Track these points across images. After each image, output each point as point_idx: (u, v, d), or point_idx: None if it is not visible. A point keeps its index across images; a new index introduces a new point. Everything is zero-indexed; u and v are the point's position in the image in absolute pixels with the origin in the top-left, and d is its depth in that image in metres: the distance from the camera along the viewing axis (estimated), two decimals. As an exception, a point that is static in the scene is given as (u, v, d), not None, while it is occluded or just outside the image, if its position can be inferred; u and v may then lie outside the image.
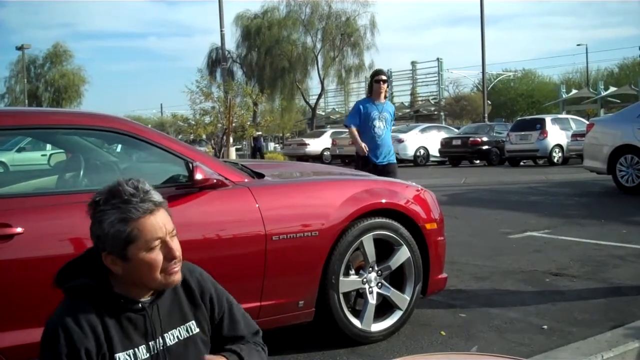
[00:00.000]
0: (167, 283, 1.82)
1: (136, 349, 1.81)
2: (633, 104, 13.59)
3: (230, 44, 39.59)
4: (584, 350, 3.44)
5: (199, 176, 3.13)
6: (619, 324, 3.86)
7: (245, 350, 1.95)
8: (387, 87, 6.98)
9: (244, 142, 38.13)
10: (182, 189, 3.21)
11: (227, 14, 48.81)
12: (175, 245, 1.82)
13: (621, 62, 60.80)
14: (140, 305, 1.83)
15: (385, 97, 7.01)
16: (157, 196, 1.80)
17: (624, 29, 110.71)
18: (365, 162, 6.77)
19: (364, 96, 7.25)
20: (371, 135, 6.78)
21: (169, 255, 1.79)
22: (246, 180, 3.49)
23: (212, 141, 27.12)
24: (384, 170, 6.66)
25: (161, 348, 1.85)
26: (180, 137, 30.02)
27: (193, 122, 27.15)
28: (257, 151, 31.57)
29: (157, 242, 1.77)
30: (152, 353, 1.84)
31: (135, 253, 1.76)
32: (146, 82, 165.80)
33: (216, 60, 39.28)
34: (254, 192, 3.39)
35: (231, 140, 26.67)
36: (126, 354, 1.79)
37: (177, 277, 1.84)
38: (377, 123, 6.77)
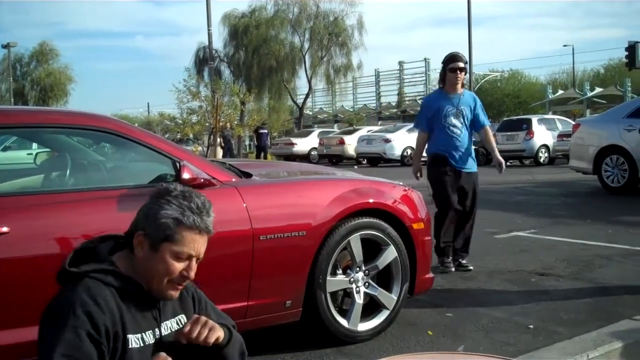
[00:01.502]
0: (164, 293, 1.93)
1: (144, 334, 1.90)
2: (619, 105, 13.71)
3: (218, 43, 39.46)
4: (569, 349, 3.46)
5: (186, 175, 3.12)
6: (605, 324, 3.88)
7: (233, 330, 2.07)
8: (465, 74, 5.66)
9: (232, 142, 38.01)
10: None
11: (214, 13, 48.84)
12: (195, 269, 1.94)
13: (607, 63, 61.28)
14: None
15: (463, 86, 5.70)
16: (211, 224, 1.93)
17: (611, 30, 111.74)
18: (439, 166, 5.62)
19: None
20: (445, 135, 5.56)
21: (185, 272, 1.91)
22: (234, 179, 3.48)
23: (222, 140, 26.74)
24: (468, 179, 5.72)
25: (158, 336, 1.94)
26: (167, 136, 29.87)
27: (180, 121, 27.08)
28: (261, 150, 28.84)
29: (186, 257, 1.89)
30: (156, 339, 1.93)
31: (164, 251, 1.87)
32: (133, 81, 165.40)
33: (204, 60, 39.05)
34: (241, 191, 3.38)
35: (219, 140, 26.59)
36: (136, 337, 1.87)
37: (174, 294, 1.95)
38: (452, 120, 5.53)
